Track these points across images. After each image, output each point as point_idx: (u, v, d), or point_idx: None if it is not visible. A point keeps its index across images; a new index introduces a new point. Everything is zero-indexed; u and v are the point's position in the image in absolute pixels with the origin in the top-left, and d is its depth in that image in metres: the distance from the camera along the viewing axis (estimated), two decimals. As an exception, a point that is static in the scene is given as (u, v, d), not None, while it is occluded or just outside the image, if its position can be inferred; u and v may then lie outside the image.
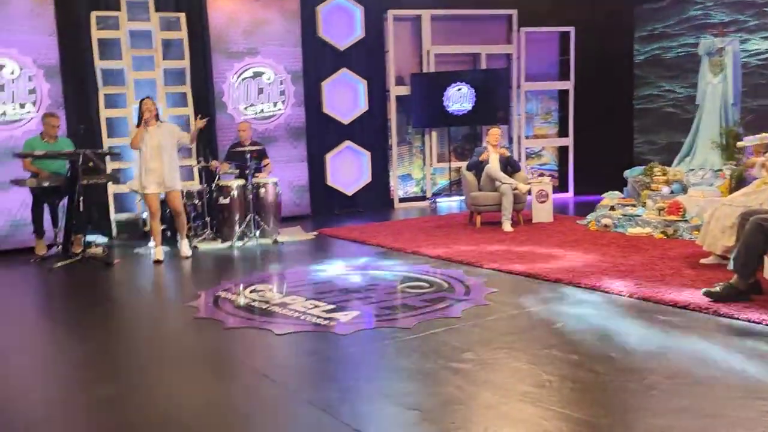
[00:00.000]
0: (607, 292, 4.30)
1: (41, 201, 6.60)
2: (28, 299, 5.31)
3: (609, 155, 9.67)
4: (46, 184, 6.35)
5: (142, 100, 6.25)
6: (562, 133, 10.61)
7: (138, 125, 6.18)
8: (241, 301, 4.59)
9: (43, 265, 6.23)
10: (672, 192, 6.41)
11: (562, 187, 10.57)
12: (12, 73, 6.91)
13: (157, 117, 6.23)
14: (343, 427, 2.51)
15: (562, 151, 10.67)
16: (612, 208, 6.76)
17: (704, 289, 3.95)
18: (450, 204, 9.95)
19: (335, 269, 5.51)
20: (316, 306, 4.31)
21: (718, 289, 3.85)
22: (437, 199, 10.12)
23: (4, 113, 6.86)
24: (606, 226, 6.51)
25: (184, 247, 6.41)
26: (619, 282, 4.48)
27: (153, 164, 6.14)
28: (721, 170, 6.36)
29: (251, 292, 4.81)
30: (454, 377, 2.95)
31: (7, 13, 6.84)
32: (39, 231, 6.63)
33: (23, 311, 4.86)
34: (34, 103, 7.03)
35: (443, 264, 5.52)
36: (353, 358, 3.36)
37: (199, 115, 6.68)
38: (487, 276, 4.99)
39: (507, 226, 7.00)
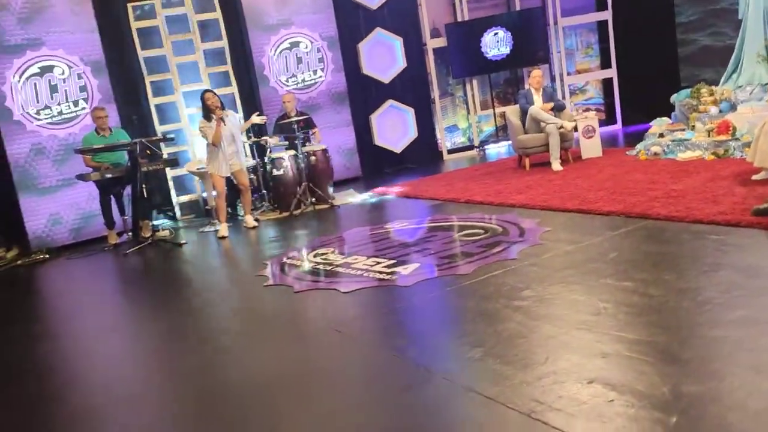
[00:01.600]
0: (658, 219, 4.34)
1: (107, 192, 6.98)
2: (109, 285, 5.71)
3: (655, 82, 9.41)
4: (108, 176, 6.71)
5: (204, 94, 6.48)
6: (605, 65, 10.37)
7: (205, 117, 6.42)
8: (306, 265, 4.83)
9: (116, 252, 6.65)
10: (721, 111, 6.26)
11: (610, 119, 10.40)
12: (62, 73, 7.25)
13: (222, 106, 6.50)
14: (414, 367, 2.72)
15: (607, 83, 10.45)
16: (661, 135, 6.66)
17: (754, 208, 3.92)
18: (498, 150, 9.95)
19: (392, 226, 5.70)
20: (377, 263, 4.51)
21: (766, 205, 3.83)
22: (485, 147, 10.14)
23: (60, 113, 7.24)
24: (656, 154, 6.44)
25: (250, 220, 6.72)
26: (671, 207, 4.50)
27: (230, 149, 6.48)
28: (768, 84, 6.18)
29: (315, 256, 5.05)
30: (515, 314, 3.11)
31: (49, 17, 7.14)
32: (109, 221, 7.03)
33: (106, 296, 5.26)
34: (86, 100, 7.37)
35: (496, 209, 5.63)
36: (417, 307, 3.56)
37: (257, 113, 7.02)
38: (540, 216, 5.08)
39: (556, 166, 7.01)
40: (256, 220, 6.97)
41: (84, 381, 3.31)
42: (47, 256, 6.83)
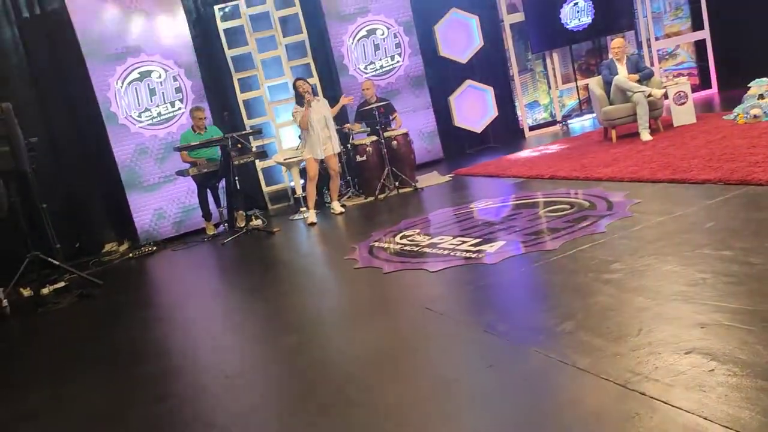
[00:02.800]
0: (759, 185, 4.13)
1: (203, 186, 7.39)
2: (211, 273, 6.07)
3: (753, 41, 8.84)
4: (204, 170, 7.10)
5: (296, 81, 6.82)
6: (697, 26, 9.84)
7: (298, 104, 6.75)
8: (394, 247, 4.95)
9: (215, 242, 7.04)
10: (829, 67, 5.83)
11: (705, 84, 9.87)
12: (159, 77, 7.71)
13: (314, 92, 6.81)
14: (506, 341, 2.77)
15: (700, 45, 9.91)
16: (761, 97, 6.28)
17: None
18: (582, 124, 9.69)
19: (476, 205, 5.72)
20: (463, 242, 4.56)
21: None
22: (568, 121, 9.90)
23: (159, 114, 7.70)
24: (756, 116, 6.09)
25: (337, 206, 6.93)
26: (775, 173, 4.28)
27: (323, 133, 6.75)
28: None
29: (401, 238, 5.16)
30: (605, 287, 3.08)
31: (145, 24, 7.60)
32: (206, 214, 7.45)
33: (210, 283, 5.60)
34: (181, 100, 7.81)
35: (582, 184, 5.53)
36: (505, 284, 3.59)
37: (344, 95, 7.28)
38: (629, 188, 4.95)
39: (645, 136, 6.77)
40: (342, 205, 7.16)
41: (195, 361, 3.58)
42: (155, 248, 7.33)
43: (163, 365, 3.56)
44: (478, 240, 4.51)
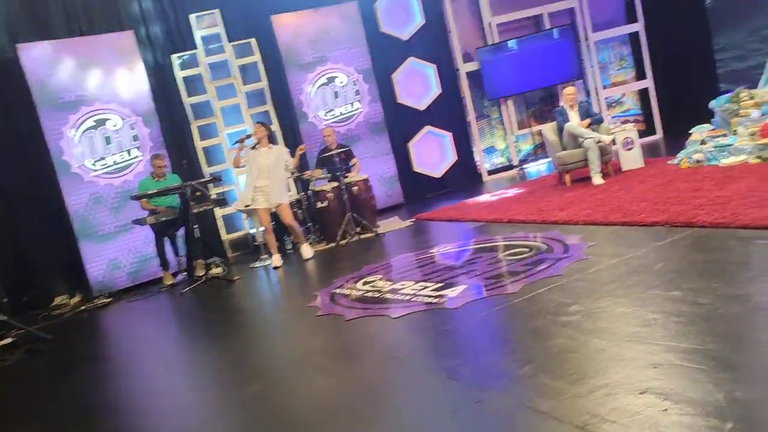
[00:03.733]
0: (703, 227, 4.31)
1: (162, 234, 7.29)
2: (168, 323, 5.95)
3: (693, 89, 9.33)
4: (163, 219, 7.02)
5: (255, 124, 7.02)
6: (640, 75, 10.34)
7: (253, 147, 6.82)
8: (356, 293, 4.95)
9: (173, 292, 6.91)
10: (763, 115, 6.18)
11: (650, 130, 10.31)
12: (115, 125, 7.66)
13: (270, 139, 6.88)
14: (467, 389, 2.78)
15: (644, 94, 10.39)
16: (703, 142, 6.60)
17: None
18: (538, 168, 9.96)
19: (438, 249, 5.78)
20: (425, 287, 4.59)
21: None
22: (525, 166, 10.16)
23: (114, 163, 7.62)
24: (698, 161, 6.38)
25: (306, 251, 6.91)
26: (716, 214, 4.46)
27: (260, 182, 6.78)
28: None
29: (363, 284, 5.17)
30: (563, 329, 3.15)
31: (101, 72, 7.58)
32: (164, 263, 7.33)
33: (166, 334, 5.48)
34: (138, 148, 7.75)
35: (539, 227, 5.66)
36: (467, 328, 3.63)
37: (300, 146, 7.43)
38: (584, 231, 5.09)
39: (597, 180, 7.00)
40: (282, 254, 7.15)
41: (150, 416, 3.48)
42: (109, 300, 7.14)
43: (114, 423, 3.44)
44: (439, 284, 4.56)
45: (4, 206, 7.39)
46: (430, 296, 4.33)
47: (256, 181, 6.78)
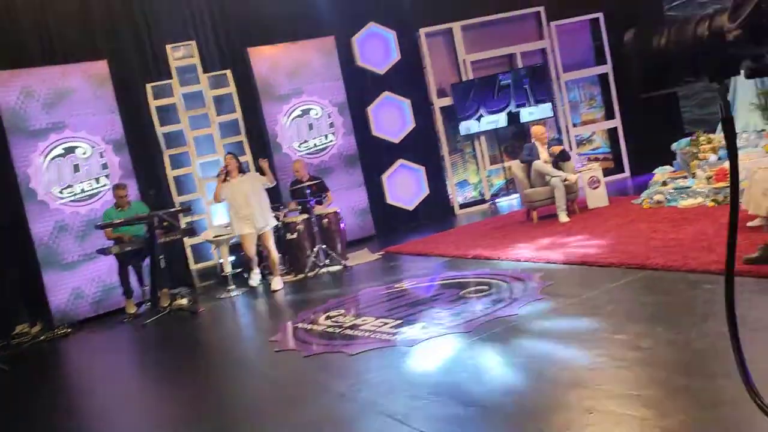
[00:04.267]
0: (656, 269, 4.40)
1: (126, 264, 7.21)
2: (129, 357, 5.89)
3: (659, 130, 9.54)
4: (128, 248, 6.96)
5: (225, 155, 7.11)
6: (609, 115, 10.56)
7: (217, 177, 6.84)
8: (317, 328, 4.95)
9: (135, 323, 6.82)
10: (719, 159, 6.36)
11: (618, 169, 10.50)
12: (84, 153, 7.63)
13: (240, 169, 6.96)
14: (411, 431, 2.79)
15: (612, 133, 10.61)
16: (664, 183, 6.76)
17: (744, 257, 3.90)
18: (510, 202, 10.07)
19: (402, 285, 5.81)
20: (384, 323, 4.61)
21: (757, 253, 3.85)
22: (496, 200, 10.28)
23: (82, 190, 7.58)
24: (659, 202, 6.53)
25: (276, 282, 6.91)
26: (668, 256, 4.56)
27: (245, 211, 6.86)
28: (764, 130, 6.28)
29: (326, 318, 5.17)
30: (512, 370, 3.18)
31: (73, 100, 7.57)
32: (127, 292, 7.24)
33: (126, 368, 5.42)
34: (107, 176, 7.72)
35: (502, 265, 5.72)
36: (419, 367, 3.64)
37: (259, 158, 7.47)
38: (544, 270, 5.16)
39: (563, 218, 7.11)
40: (269, 283, 7.15)
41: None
42: (69, 330, 7.01)
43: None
44: (398, 321, 4.58)
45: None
46: (388, 333, 4.35)
47: (240, 211, 6.84)
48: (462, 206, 10.30)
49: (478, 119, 10.00)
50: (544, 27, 10.25)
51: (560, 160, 7.59)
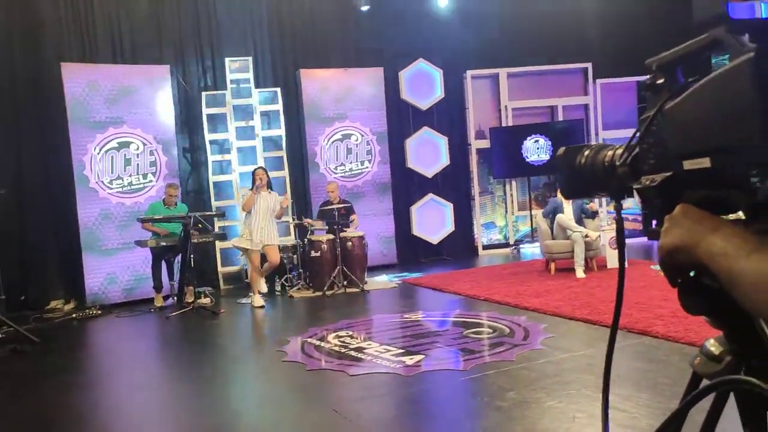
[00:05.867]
0: (656, 337, 4.56)
1: (159, 258, 7.64)
2: (149, 344, 6.23)
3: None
4: (163, 243, 7.39)
5: (256, 169, 7.36)
6: (644, 177, 10.68)
7: (251, 189, 7.16)
8: (325, 345, 5.23)
9: (160, 314, 7.20)
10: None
11: (647, 230, 10.59)
12: (137, 149, 8.12)
13: (268, 185, 7.23)
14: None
15: (646, 195, 10.71)
16: (683, 254, 6.87)
17: None
18: (533, 250, 10.23)
19: (411, 316, 6.05)
20: (387, 350, 4.86)
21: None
22: (520, 246, 10.46)
23: (130, 183, 8.06)
24: (674, 272, 6.64)
25: (258, 299, 7.13)
26: (671, 327, 4.71)
27: (263, 224, 7.12)
28: None
29: (335, 337, 5.44)
30: (494, 413, 3.40)
31: (133, 99, 8.09)
32: (158, 285, 7.65)
33: (145, 355, 5.76)
34: (154, 174, 8.19)
35: (511, 310, 5.93)
36: (411, 398, 3.88)
37: (286, 196, 8.00)
38: (549, 322, 5.35)
39: (579, 273, 7.27)
40: (290, 297, 7.44)
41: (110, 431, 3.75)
42: (99, 312, 7.44)
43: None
44: (401, 350, 4.82)
45: (20, 203, 7.79)
46: (389, 360, 4.59)
47: (258, 223, 7.16)
48: (485, 247, 10.51)
49: (513, 165, 10.24)
50: (590, 83, 10.48)
51: (585, 216, 7.78)
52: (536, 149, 10.15)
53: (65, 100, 7.67)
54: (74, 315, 7.37)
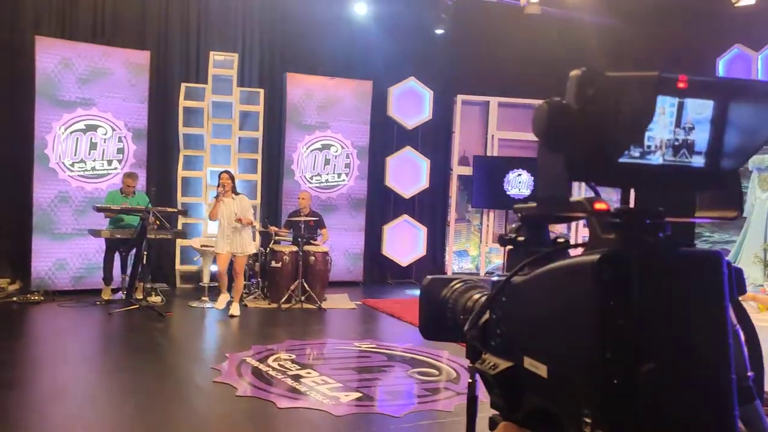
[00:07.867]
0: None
1: (113, 250, 7.34)
2: (82, 341, 5.93)
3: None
4: (118, 236, 7.10)
5: (221, 173, 7.12)
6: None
7: (215, 198, 6.91)
8: (261, 368, 4.97)
9: (105, 309, 6.90)
10: None
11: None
12: (105, 134, 7.83)
13: (233, 190, 6.97)
14: None
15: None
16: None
17: None
18: (502, 284, 10.05)
19: (362, 345, 5.81)
20: (325, 383, 4.62)
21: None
22: (491, 278, 10.25)
23: (93, 169, 7.76)
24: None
25: (235, 308, 6.91)
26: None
27: (228, 232, 6.92)
28: (762, 286, 6.23)
29: (274, 360, 5.19)
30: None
31: (108, 82, 7.80)
32: (107, 277, 7.35)
33: (80, 350, 5.49)
34: (120, 161, 7.90)
35: (462, 350, 5.69)
36: (335, 441, 3.65)
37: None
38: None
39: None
40: (244, 305, 7.19)
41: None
42: (42, 298, 7.11)
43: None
44: (339, 385, 4.58)
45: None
46: (323, 395, 4.35)
47: (224, 230, 6.91)
48: (455, 275, 10.30)
49: (492, 195, 10.06)
50: (578, 124, 10.34)
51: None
52: (518, 183, 9.97)
53: (35, 75, 7.37)
54: (15, 298, 7.05)
